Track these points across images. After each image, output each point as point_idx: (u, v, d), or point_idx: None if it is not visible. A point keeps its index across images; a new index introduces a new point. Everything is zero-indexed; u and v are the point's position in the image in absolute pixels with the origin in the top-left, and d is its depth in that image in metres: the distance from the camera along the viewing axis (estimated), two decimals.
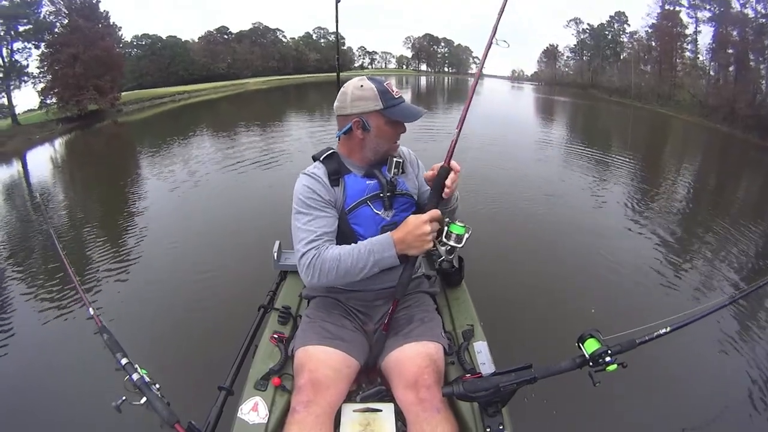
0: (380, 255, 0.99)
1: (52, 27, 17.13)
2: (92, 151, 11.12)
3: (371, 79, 1.09)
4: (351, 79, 1.15)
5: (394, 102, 1.08)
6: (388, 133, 1.11)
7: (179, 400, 0.97)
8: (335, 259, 1.00)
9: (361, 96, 1.07)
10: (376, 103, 1.07)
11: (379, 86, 1.07)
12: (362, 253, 1.00)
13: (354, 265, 1.00)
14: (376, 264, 1.00)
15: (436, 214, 0.98)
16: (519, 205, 4.26)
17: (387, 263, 1.00)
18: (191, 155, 7.08)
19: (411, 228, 0.97)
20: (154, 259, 3.08)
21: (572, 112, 16.74)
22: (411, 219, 0.98)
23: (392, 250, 0.99)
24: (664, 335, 0.99)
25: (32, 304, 2.55)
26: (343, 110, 1.10)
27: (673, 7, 21.54)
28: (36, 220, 4.14)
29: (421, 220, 0.97)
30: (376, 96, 1.06)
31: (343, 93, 1.10)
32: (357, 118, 1.08)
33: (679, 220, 4.16)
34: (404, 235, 0.98)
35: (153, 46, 34.88)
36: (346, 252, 1.01)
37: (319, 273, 1.00)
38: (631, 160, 6.83)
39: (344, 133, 1.12)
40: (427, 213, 0.98)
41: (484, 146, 6.79)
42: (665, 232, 3.77)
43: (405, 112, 1.09)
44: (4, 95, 16.15)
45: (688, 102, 18.46)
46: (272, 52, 41.97)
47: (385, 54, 62.45)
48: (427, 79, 45.08)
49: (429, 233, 0.97)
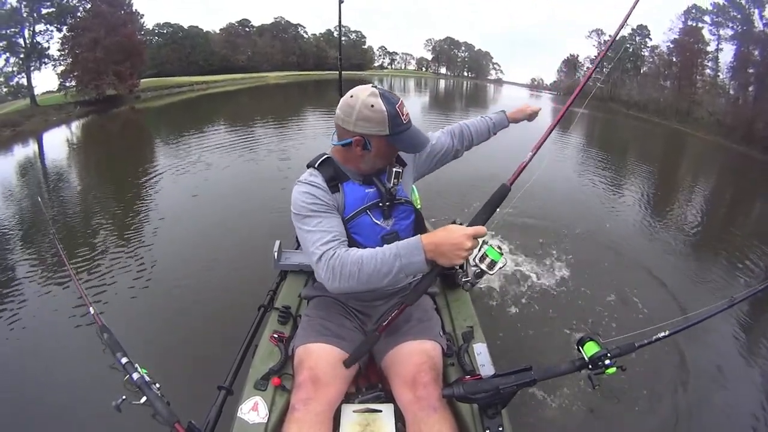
0: (408, 260, 0.88)
1: (75, 11, 17.38)
2: (106, 136, 11.20)
3: (384, 98, 0.99)
4: (360, 84, 1.06)
5: (401, 128, 1.01)
6: (388, 155, 1.07)
7: (179, 400, 0.97)
8: (356, 262, 0.90)
9: (369, 117, 0.98)
10: (382, 129, 0.99)
11: (390, 110, 0.98)
12: (387, 257, 0.89)
13: (377, 269, 0.89)
14: (403, 269, 0.89)
15: (482, 231, 0.88)
16: (519, 206, 4.25)
17: (414, 269, 0.89)
18: (201, 149, 7.01)
19: (451, 236, 0.86)
20: (155, 258, 3.07)
21: (590, 125, 16.21)
22: (454, 227, 0.88)
23: (421, 255, 0.88)
24: (663, 339, 1.00)
25: (32, 303, 2.54)
26: (346, 124, 1.01)
27: (696, 24, 21.52)
28: (38, 218, 4.13)
29: (465, 233, 0.86)
30: (385, 121, 0.98)
31: (350, 106, 1.00)
32: (359, 137, 1.01)
33: (679, 227, 4.16)
34: (440, 241, 0.87)
35: (174, 35, 35.14)
36: (368, 255, 0.91)
37: (339, 277, 0.91)
38: (639, 172, 6.85)
39: (342, 145, 1.05)
40: (473, 227, 0.88)
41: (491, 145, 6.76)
42: (666, 238, 3.78)
43: (410, 142, 1.04)
44: (24, 76, 16.58)
45: (706, 120, 18.14)
46: (293, 47, 42.01)
47: (405, 55, 62.59)
48: (446, 83, 44.67)
49: (467, 248, 0.86)
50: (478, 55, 61.34)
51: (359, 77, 39.53)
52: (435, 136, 1.30)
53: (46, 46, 17.00)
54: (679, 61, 22.62)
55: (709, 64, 21.11)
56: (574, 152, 8.52)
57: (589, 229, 3.79)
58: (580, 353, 0.95)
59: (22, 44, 16.40)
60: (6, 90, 17.23)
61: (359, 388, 1.17)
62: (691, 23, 21.83)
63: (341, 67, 2.43)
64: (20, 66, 16.54)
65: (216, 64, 35.05)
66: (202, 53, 35.77)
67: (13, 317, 2.43)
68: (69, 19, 17.17)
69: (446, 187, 4.18)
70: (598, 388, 0.92)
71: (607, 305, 2.56)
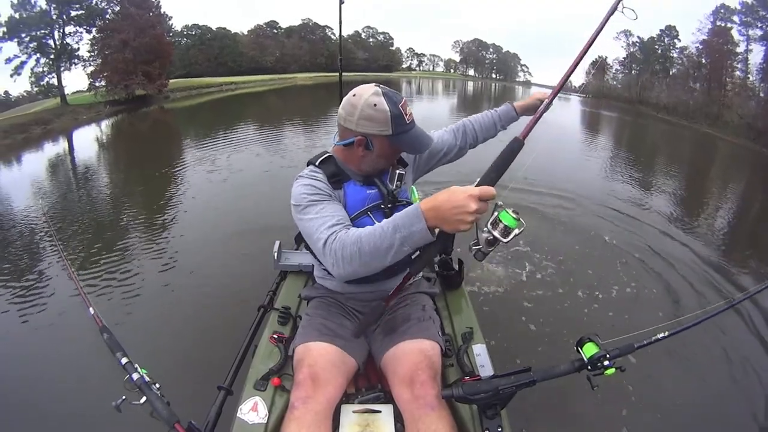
0: (408, 230, 0.80)
1: (104, 13, 17.92)
2: (131, 134, 11.44)
3: (386, 97, 0.98)
4: (360, 86, 1.04)
5: (404, 128, 1.00)
6: (391, 155, 1.07)
7: (179, 400, 0.97)
8: (356, 242, 0.85)
9: (371, 117, 0.97)
10: (384, 128, 0.98)
11: (393, 109, 0.97)
12: (386, 231, 0.82)
13: (377, 247, 0.83)
14: (405, 241, 0.81)
15: (489, 191, 0.77)
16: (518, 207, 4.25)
17: (417, 239, 0.81)
18: (218, 150, 7.05)
19: (453, 198, 0.76)
20: (155, 258, 3.08)
21: (618, 127, 16.05)
22: (456, 188, 0.77)
23: (421, 222, 0.79)
24: (663, 339, 1.00)
25: (31, 303, 2.54)
26: (348, 123, 1.00)
27: (725, 24, 21.02)
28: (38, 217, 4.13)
29: (467, 193, 0.75)
30: (387, 121, 0.97)
31: (352, 105, 0.99)
32: (361, 137, 1.00)
33: (683, 228, 4.13)
34: (440, 204, 0.77)
35: (202, 36, 35.90)
36: (367, 233, 0.85)
37: (342, 261, 0.86)
38: (654, 173, 6.79)
39: (344, 145, 1.05)
40: (478, 187, 0.77)
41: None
42: (668, 239, 3.77)
43: (413, 142, 1.03)
44: (54, 75, 17.27)
45: (736, 123, 17.37)
46: (321, 49, 42.39)
47: (433, 57, 62.88)
48: (474, 85, 44.26)
49: (472, 212, 0.75)
50: (506, 57, 61.38)
51: (387, 79, 39.43)
52: (437, 135, 1.30)
53: (76, 47, 17.74)
54: (709, 62, 21.83)
55: (739, 66, 20.35)
56: (576, 149, 8.52)
57: (590, 229, 3.79)
58: (579, 354, 0.95)
59: (52, 45, 17.01)
60: (36, 89, 17.96)
61: (359, 389, 1.17)
62: (720, 23, 21.28)
63: (341, 68, 2.43)
64: (50, 66, 17.19)
65: (244, 65, 35.76)
66: (230, 54, 36.48)
67: (13, 317, 2.43)
68: (98, 21, 17.78)
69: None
70: (597, 389, 0.92)
71: (607, 306, 2.57)
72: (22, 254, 3.29)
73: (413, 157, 1.24)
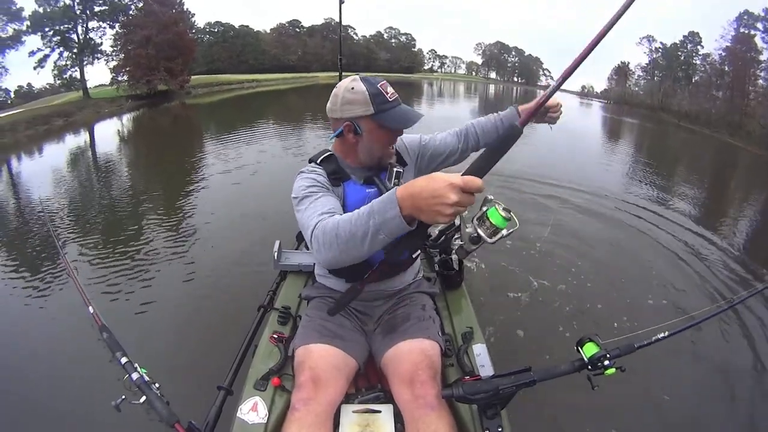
0: (382, 217, 0.74)
1: (127, 9, 18.39)
2: (153, 128, 11.64)
3: (364, 80, 1.03)
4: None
5: (386, 106, 1.01)
6: (382, 138, 1.06)
7: (179, 400, 0.97)
8: (334, 228, 0.82)
9: (351, 99, 1.01)
10: (366, 108, 1.01)
11: (370, 88, 1.01)
12: (361, 217, 0.78)
13: (353, 233, 0.78)
14: (380, 229, 0.75)
15: (474, 183, 0.67)
16: (519, 206, 4.26)
17: (392, 227, 0.74)
18: (230, 149, 7.08)
19: (431, 185, 0.68)
20: (155, 258, 3.07)
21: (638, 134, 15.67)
22: (435, 174, 0.70)
23: (395, 208, 0.72)
24: (663, 339, 1.00)
25: (30, 303, 2.54)
26: (334, 113, 1.05)
27: (749, 31, 20.59)
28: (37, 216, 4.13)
29: (448, 181, 0.67)
30: (367, 100, 1.00)
31: (335, 95, 1.05)
32: (348, 123, 1.03)
33: (685, 229, 4.12)
34: (417, 191, 0.70)
35: (225, 33, 36.35)
36: (345, 218, 0.82)
37: (322, 247, 0.84)
38: (665, 178, 6.70)
39: (337, 136, 1.08)
40: (462, 176, 0.68)
41: None
42: (669, 239, 3.77)
43: (397, 117, 1.03)
44: (77, 69, 17.84)
45: (758, 133, 16.70)
46: (343, 49, 42.38)
47: (455, 59, 62.85)
48: (495, 88, 43.80)
49: (451, 203, 0.67)
50: (528, 61, 60.86)
51: (408, 80, 39.06)
52: (440, 137, 1.30)
53: (99, 42, 18.26)
54: (732, 70, 21.28)
55: (762, 74, 19.90)
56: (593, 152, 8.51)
57: (592, 228, 3.79)
58: (579, 354, 0.95)
59: (75, 40, 17.51)
60: (59, 82, 18.52)
61: (359, 389, 1.17)
62: (744, 30, 20.82)
63: (341, 68, 2.43)
64: (73, 60, 17.70)
65: (266, 63, 36.15)
66: (252, 52, 36.91)
67: (12, 317, 2.43)
68: (121, 17, 18.20)
69: None
70: (598, 389, 0.92)
71: (607, 305, 2.56)
72: (19, 251, 3.29)
73: (415, 157, 1.25)
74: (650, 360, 1.90)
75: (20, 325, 2.35)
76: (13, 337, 2.24)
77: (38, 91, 22.36)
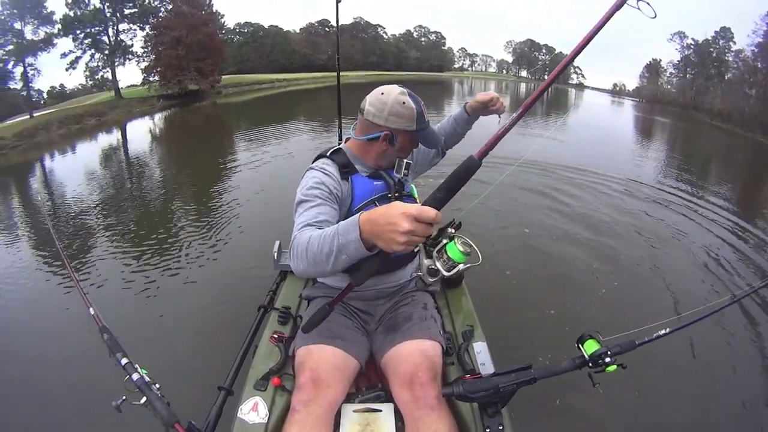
0: (344, 238, 0.75)
1: (157, 11, 18.76)
2: (183, 127, 11.85)
3: (412, 97, 1.09)
4: (385, 86, 1.12)
5: (424, 125, 1.11)
6: (408, 150, 1.17)
7: (179, 400, 0.97)
8: (305, 242, 0.84)
9: (400, 113, 1.07)
10: (410, 124, 1.09)
11: (418, 109, 1.09)
12: (328, 236, 0.79)
13: (320, 250, 0.79)
14: (342, 250, 0.76)
15: (427, 213, 0.66)
16: (519, 206, 4.26)
17: (352, 250, 0.75)
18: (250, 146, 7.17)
19: (387, 212, 0.69)
20: (155, 258, 3.08)
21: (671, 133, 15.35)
22: (396, 203, 0.70)
23: (356, 231, 0.73)
24: (664, 336, 0.99)
25: (31, 303, 2.55)
26: (377, 119, 1.08)
27: None
28: (37, 216, 4.14)
29: (402, 210, 0.67)
30: (413, 117, 1.08)
31: (382, 102, 1.07)
32: (388, 132, 1.09)
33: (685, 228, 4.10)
34: (375, 217, 0.71)
35: (255, 33, 36.68)
36: (316, 234, 0.83)
37: (295, 256, 0.86)
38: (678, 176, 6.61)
39: (368, 140, 1.12)
40: (418, 207, 0.68)
41: None
42: (670, 237, 3.75)
43: (430, 138, 1.15)
44: (108, 70, 18.32)
45: None
46: (372, 48, 43.07)
47: (485, 57, 62.24)
48: (526, 87, 42.22)
49: (403, 231, 0.66)
50: (559, 58, 59.59)
51: (439, 79, 38.56)
52: None
53: (130, 44, 18.66)
54: (765, 67, 20.07)
55: None
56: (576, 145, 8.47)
57: (593, 227, 3.78)
58: (580, 351, 0.95)
59: (106, 41, 17.92)
60: (92, 83, 19.20)
61: (359, 388, 1.17)
62: None
63: (339, 69, 2.41)
64: (105, 61, 18.14)
65: (296, 63, 36.41)
66: (282, 52, 37.18)
67: (12, 317, 2.43)
68: (151, 19, 18.55)
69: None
70: (599, 386, 0.92)
71: (607, 303, 2.56)
72: (21, 253, 3.30)
73: (414, 157, 1.29)
74: (652, 357, 1.89)
75: (20, 326, 2.36)
76: (12, 338, 2.25)
77: (71, 91, 22.72)
